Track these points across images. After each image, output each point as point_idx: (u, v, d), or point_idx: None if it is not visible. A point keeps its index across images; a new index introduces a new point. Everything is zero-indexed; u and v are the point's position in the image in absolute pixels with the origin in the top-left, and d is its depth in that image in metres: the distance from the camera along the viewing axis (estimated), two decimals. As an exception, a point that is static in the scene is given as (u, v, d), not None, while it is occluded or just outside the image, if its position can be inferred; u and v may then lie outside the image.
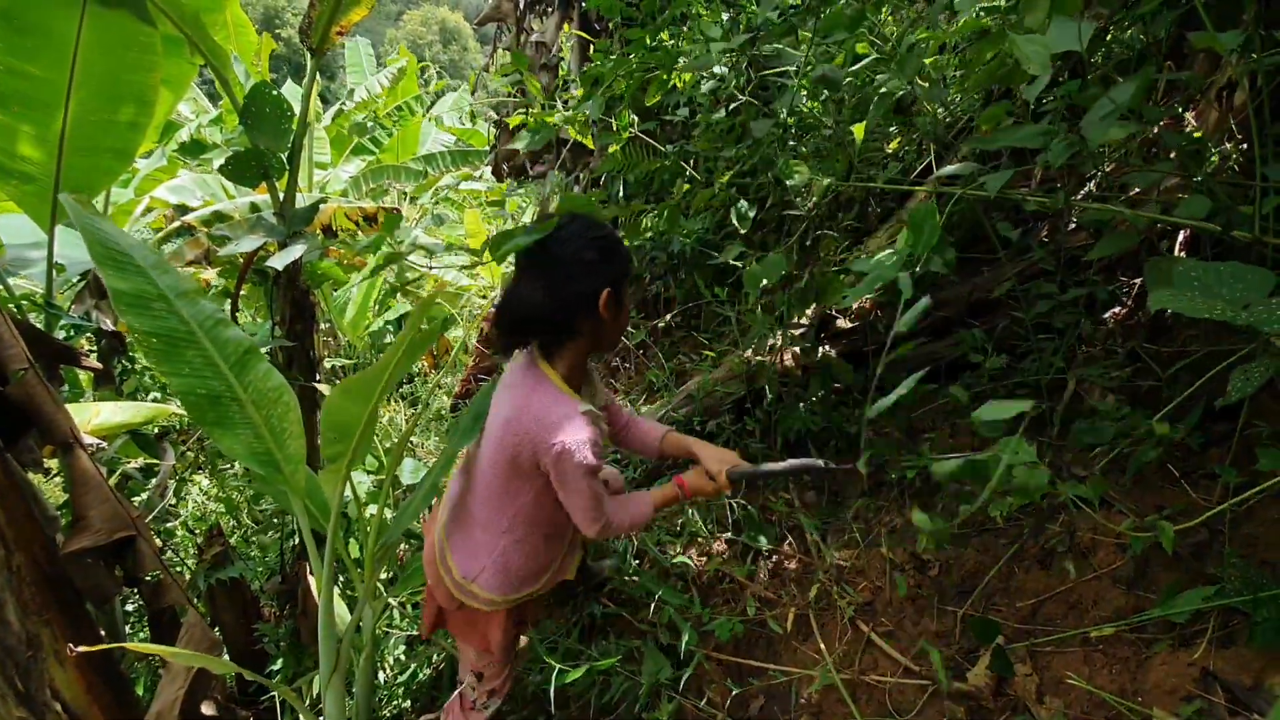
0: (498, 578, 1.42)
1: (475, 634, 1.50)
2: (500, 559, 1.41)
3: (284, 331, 2.16)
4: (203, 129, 5.85)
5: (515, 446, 1.28)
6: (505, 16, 3.88)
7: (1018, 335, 1.86)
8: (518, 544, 1.40)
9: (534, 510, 1.37)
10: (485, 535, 1.41)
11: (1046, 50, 1.07)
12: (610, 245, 1.32)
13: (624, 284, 1.35)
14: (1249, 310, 0.98)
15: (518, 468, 1.30)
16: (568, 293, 1.28)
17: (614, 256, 1.32)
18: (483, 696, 1.57)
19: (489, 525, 1.40)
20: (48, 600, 1.64)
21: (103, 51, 2.24)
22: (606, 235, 1.32)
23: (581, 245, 1.29)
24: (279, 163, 2.01)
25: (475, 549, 1.43)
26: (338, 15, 2.03)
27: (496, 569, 1.41)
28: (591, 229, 1.32)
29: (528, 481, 1.33)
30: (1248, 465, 1.35)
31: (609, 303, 1.30)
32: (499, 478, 1.35)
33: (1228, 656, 1.20)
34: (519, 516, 1.38)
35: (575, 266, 1.28)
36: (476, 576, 1.42)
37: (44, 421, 1.61)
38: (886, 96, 1.88)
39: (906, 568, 1.72)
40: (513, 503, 1.37)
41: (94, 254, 1.16)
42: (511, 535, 1.40)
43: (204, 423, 1.25)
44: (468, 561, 1.43)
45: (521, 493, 1.35)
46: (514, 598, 1.44)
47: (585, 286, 1.28)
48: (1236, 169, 1.62)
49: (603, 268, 1.30)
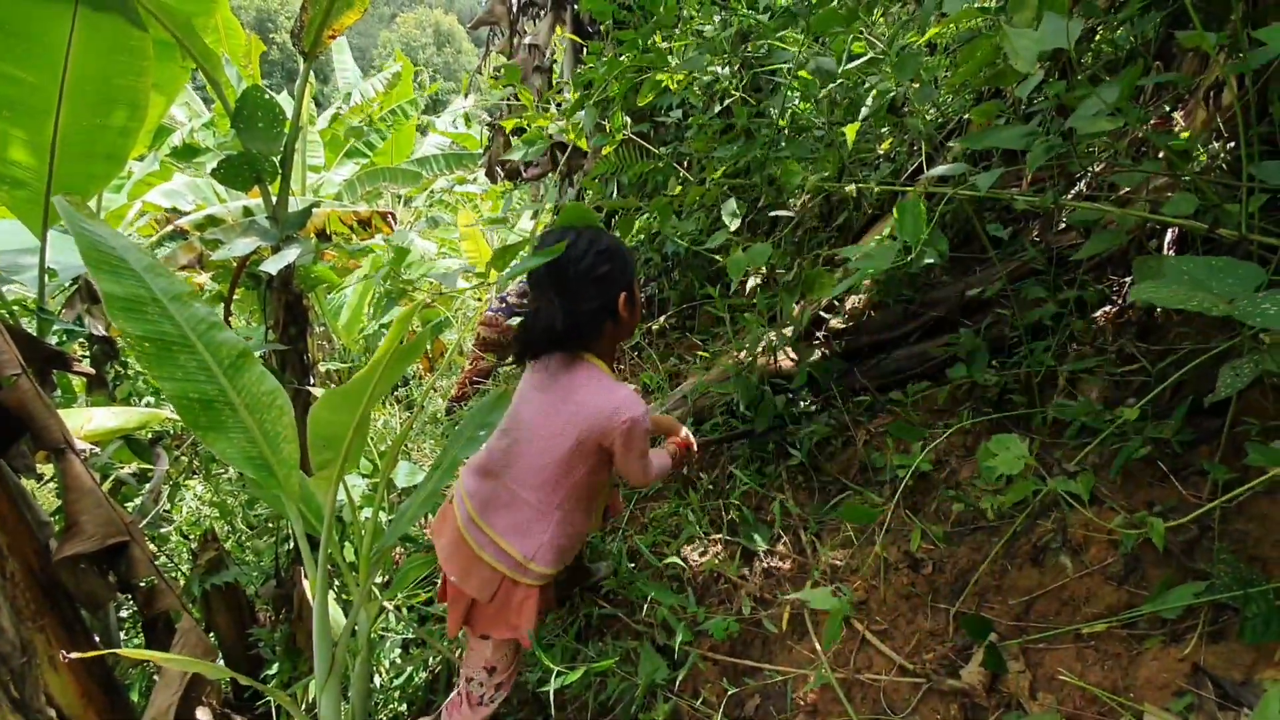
0: (552, 553, 1.52)
1: (504, 623, 1.54)
2: (553, 535, 1.51)
3: (277, 336, 2.16)
4: (195, 133, 5.84)
5: (585, 434, 1.41)
6: (499, 20, 3.88)
7: (1008, 334, 1.87)
8: (566, 518, 1.52)
9: (584, 486, 1.50)
10: (539, 515, 1.51)
11: (1036, 46, 1.07)
12: (617, 253, 1.44)
13: (635, 282, 1.49)
14: (1235, 304, 0.99)
15: (582, 452, 1.43)
16: (590, 307, 1.41)
17: (623, 263, 1.45)
18: (490, 690, 1.61)
19: (542, 505, 1.50)
20: (41, 606, 1.63)
21: (94, 56, 2.23)
22: (610, 245, 1.43)
23: (593, 262, 1.40)
24: (271, 166, 2.01)
25: (530, 530, 1.52)
26: (330, 18, 2.03)
27: (552, 544, 1.51)
28: (596, 242, 1.42)
29: (584, 461, 1.46)
30: (1237, 462, 1.36)
31: (626, 304, 1.45)
32: (559, 464, 1.46)
33: (1218, 652, 1.21)
34: (571, 493, 1.50)
35: (592, 285, 1.41)
36: (534, 554, 1.51)
37: (37, 427, 1.61)
38: (880, 97, 1.90)
39: (900, 566, 1.72)
40: (568, 481, 1.48)
41: (86, 257, 1.15)
42: (561, 511, 1.51)
43: (197, 427, 1.25)
44: (525, 543, 1.51)
45: (576, 471, 1.47)
46: (555, 571, 1.55)
47: (604, 299, 1.42)
48: (1224, 168, 1.64)
49: (616, 276, 1.43)
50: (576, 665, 1.71)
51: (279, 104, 2.01)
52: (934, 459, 1.86)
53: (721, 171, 2.12)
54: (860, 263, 1.49)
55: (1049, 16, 1.15)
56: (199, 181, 5.13)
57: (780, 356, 2.23)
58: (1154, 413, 1.55)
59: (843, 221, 2.43)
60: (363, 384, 1.03)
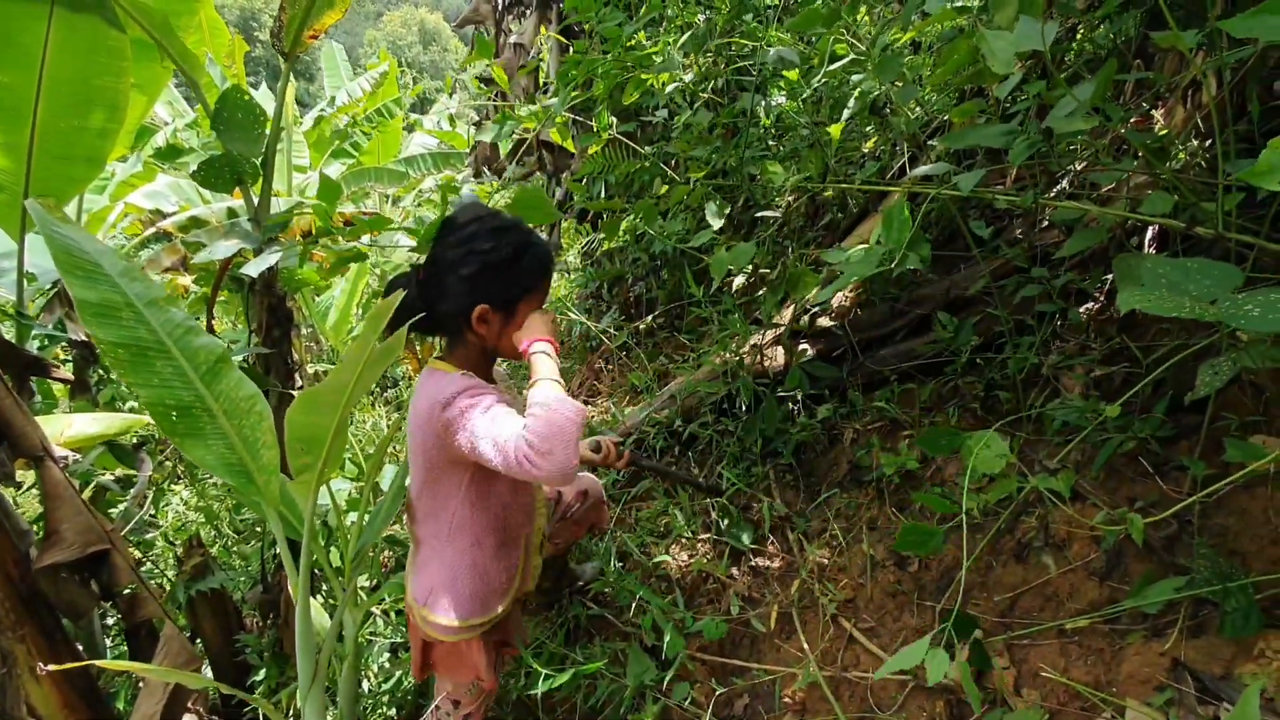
0: (448, 598, 1.34)
1: (464, 668, 1.42)
2: (448, 575, 1.34)
3: (261, 339, 2.14)
4: (179, 133, 5.78)
5: (424, 438, 1.23)
6: (484, 19, 3.86)
7: (992, 331, 1.88)
8: (463, 555, 1.34)
9: (469, 508, 1.31)
10: (431, 551, 1.36)
11: (1012, 48, 1.08)
12: (498, 260, 1.21)
13: (518, 302, 1.25)
14: (1216, 305, 0.99)
15: (436, 461, 1.25)
16: (445, 308, 1.24)
17: (499, 273, 1.22)
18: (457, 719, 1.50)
19: (432, 538, 1.35)
20: (21, 616, 1.61)
21: (71, 57, 2.20)
22: (492, 247, 1.22)
23: (460, 256, 1.22)
24: (252, 168, 1.99)
25: (425, 568, 1.38)
26: (310, 18, 2.01)
27: (445, 588, 1.34)
28: (479, 236, 1.22)
29: (452, 475, 1.28)
30: (1216, 457, 1.37)
31: (483, 320, 1.24)
32: (428, 482, 1.31)
33: (1198, 646, 1.22)
34: (457, 518, 1.31)
35: (454, 281, 1.22)
36: (427, 599, 1.35)
37: (14, 434, 1.59)
38: (863, 96, 1.90)
39: (887, 564, 1.73)
40: (446, 506, 1.31)
41: (59, 262, 1.13)
42: (454, 545, 1.33)
43: (174, 434, 1.23)
44: (419, 585, 1.38)
45: (451, 491, 1.30)
46: (475, 622, 1.36)
47: (459, 303, 1.23)
48: (1203, 165, 1.65)
49: (482, 284, 1.22)
50: (565, 668, 1.71)
51: (259, 105, 1.99)
52: (920, 457, 1.87)
53: (705, 172, 2.12)
54: (844, 267, 1.49)
55: (1025, 19, 1.15)
56: (182, 182, 5.08)
57: (766, 356, 2.23)
58: (1136, 409, 1.56)
59: (828, 221, 2.44)
60: (341, 384, 1.01)
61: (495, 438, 1.10)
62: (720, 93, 2.36)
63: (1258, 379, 1.40)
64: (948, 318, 1.91)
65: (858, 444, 2.05)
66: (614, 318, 3.12)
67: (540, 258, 1.27)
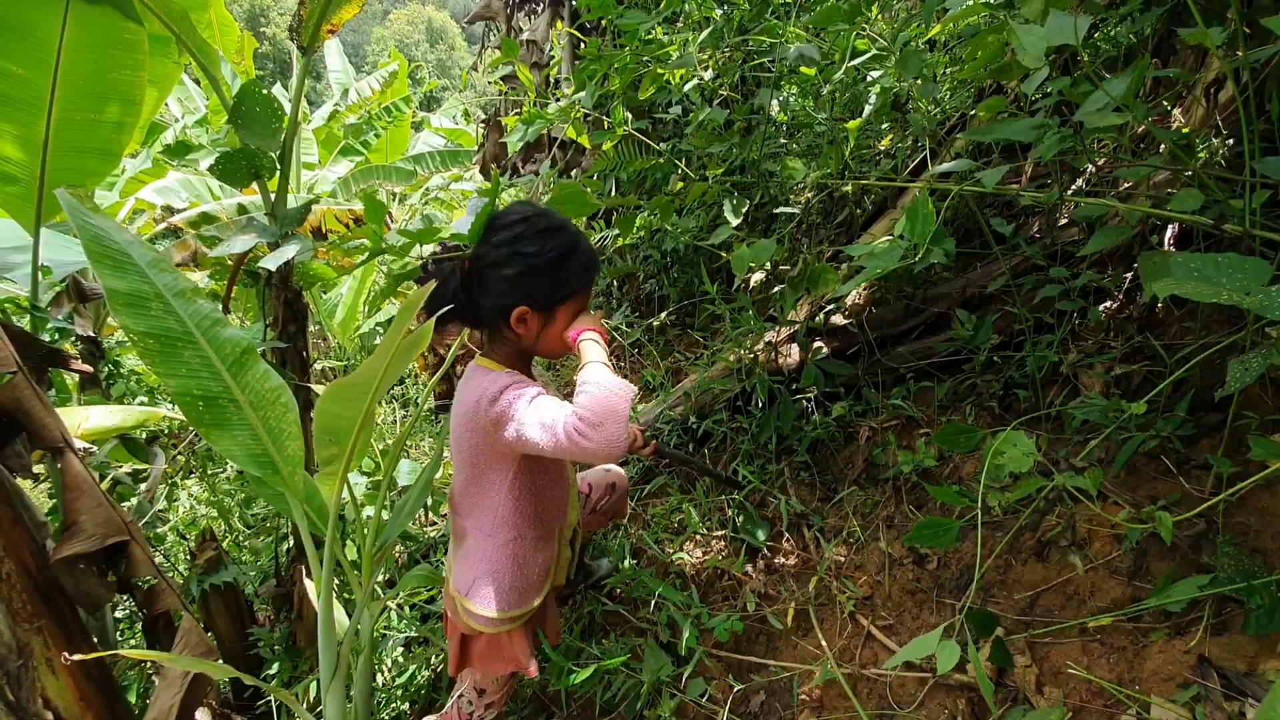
0: (490, 589, 1.35)
1: (504, 660, 1.41)
2: (490, 567, 1.35)
3: (277, 333, 2.14)
4: (188, 130, 5.79)
5: (472, 434, 1.24)
6: (495, 15, 3.86)
7: (1011, 329, 1.88)
8: (505, 548, 1.35)
9: (513, 503, 1.31)
10: (474, 543, 1.37)
11: (1043, 42, 1.08)
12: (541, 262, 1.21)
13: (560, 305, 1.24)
14: (1251, 298, 0.99)
15: (482, 456, 1.27)
16: (486, 303, 1.24)
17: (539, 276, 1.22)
18: (480, 709, 1.51)
19: (476, 531, 1.36)
20: (38, 608, 1.61)
21: (87, 50, 2.21)
22: (537, 250, 1.21)
23: (505, 255, 1.21)
24: (270, 162, 1.99)
25: (467, 560, 1.38)
26: (328, 13, 2.01)
27: (487, 580, 1.35)
28: (525, 237, 1.21)
29: (497, 470, 1.29)
30: (1239, 456, 1.37)
31: (522, 321, 1.24)
32: (472, 478, 1.31)
33: (1223, 644, 1.22)
34: (500, 513, 1.33)
35: (495, 280, 1.22)
36: (469, 590, 1.36)
37: (34, 425, 1.59)
38: (884, 93, 1.90)
39: (905, 562, 1.73)
40: (491, 498, 1.32)
41: (89, 251, 1.14)
42: (496, 538, 1.34)
43: (200, 424, 1.23)
44: (462, 576, 1.38)
45: (496, 486, 1.30)
46: (514, 614, 1.37)
47: (501, 302, 1.23)
48: (1224, 164, 1.65)
49: (524, 285, 1.22)
50: (581, 663, 1.71)
51: (277, 99, 1.99)
52: (937, 454, 1.87)
53: (723, 170, 2.12)
54: (865, 261, 1.49)
55: (1055, 13, 1.15)
56: (192, 179, 5.08)
57: (780, 353, 2.23)
58: (1157, 408, 1.56)
59: (844, 217, 2.43)
60: (370, 374, 1.01)
61: (542, 420, 1.11)
62: (737, 89, 2.36)
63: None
64: (966, 315, 1.91)
65: (874, 442, 2.05)
66: (626, 314, 3.12)
67: (585, 263, 1.26)
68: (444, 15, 48.39)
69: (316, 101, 7.66)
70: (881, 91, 1.79)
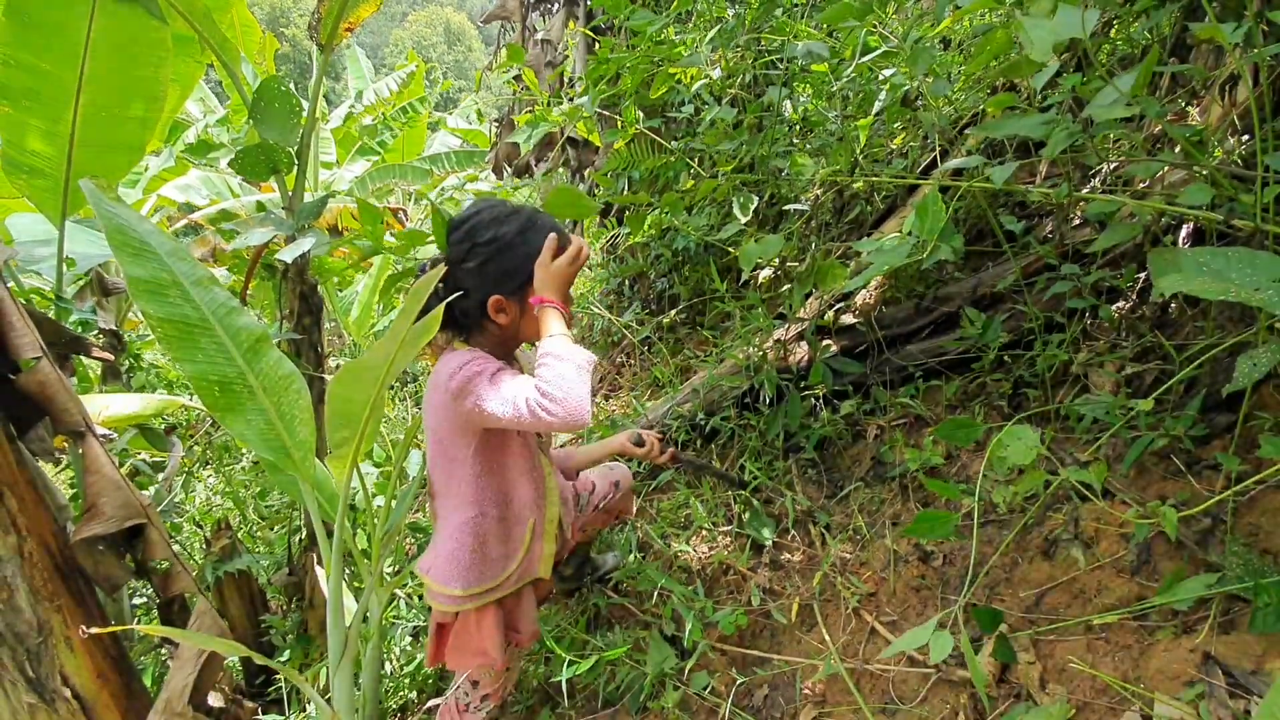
0: (451, 566, 1.35)
1: (472, 650, 1.41)
2: (452, 545, 1.36)
3: (292, 324, 2.18)
4: (209, 129, 5.89)
5: (437, 409, 1.26)
6: (510, 15, 3.90)
7: (1021, 328, 1.87)
8: (467, 525, 1.35)
9: (474, 479, 1.32)
10: (442, 522, 1.39)
11: (1051, 36, 1.08)
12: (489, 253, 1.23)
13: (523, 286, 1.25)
14: (1261, 294, 0.98)
15: (445, 430, 1.28)
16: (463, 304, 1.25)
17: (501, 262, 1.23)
18: (475, 700, 1.52)
19: (444, 509, 1.37)
20: (59, 587, 1.65)
21: (113, 46, 2.26)
22: (491, 237, 1.24)
23: (464, 253, 1.24)
24: (287, 157, 2.03)
25: (434, 540, 1.41)
26: (347, 11, 2.05)
27: (447, 555, 1.36)
28: (479, 230, 1.24)
29: (459, 446, 1.30)
30: (1250, 456, 1.36)
31: (500, 309, 1.26)
32: (439, 454, 1.33)
33: (1229, 642, 1.21)
34: (463, 489, 1.33)
35: (465, 276, 1.25)
36: (430, 568, 1.38)
37: (57, 410, 1.63)
38: (894, 90, 1.90)
39: (910, 559, 1.72)
40: (456, 475, 1.33)
41: (111, 240, 1.17)
42: (459, 515, 1.35)
43: (215, 408, 1.27)
44: (427, 556, 1.40)
45: (459, 461, 1.31)
46: (475, 590, 1.36)
47: (476, 296, 1.25)
48: (1240, 162, 1.63)
49: (487, 274, 1.24)
50: (586, 654, 1.72)
51: (296, 95, 2.03)
52: (945, 453, 1.86)
53: (733, 167, 2.13)
54: (874, 257, 1.49)
55: (1064, 8, 1.15)
56: (213, 177, 5.18)
57: (789, 351, 2.24)
58: (1168, 406, 1.54)
59: (855, 215, 2.43)
60: (380, 358, 1.03)
61: (502, 394, 1.14)
62: (748, 88, 2.37)
63: (1294, 376, 1.38)
64: (976, 314, 1.90)
65: (881, 440, 2.05)
66: (636, 313, 3.13)
67: (542, 233, 1.25)
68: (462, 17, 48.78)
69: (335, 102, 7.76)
70: (892, 88, 1.79)
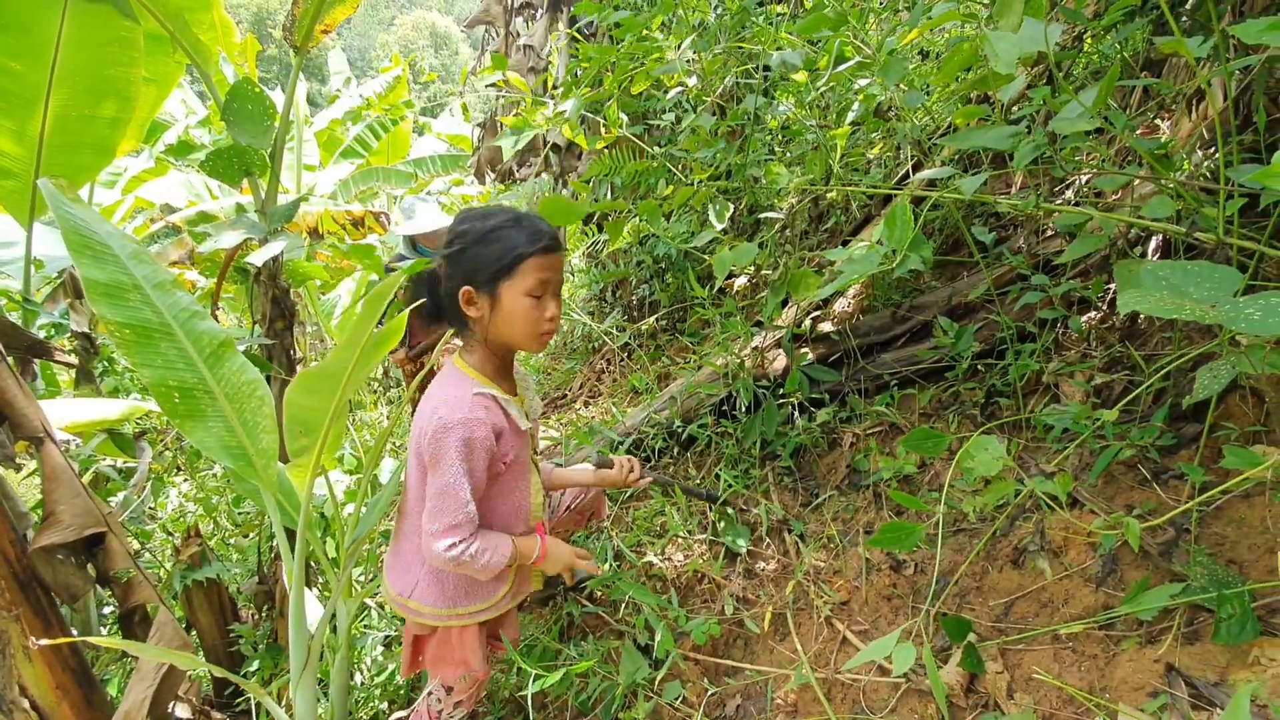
0: (433, 589, 1.35)
1: (453, 661, 1.42)
2: (430, 568, 1.36)
3: (264, 329, 2.15)
4: (190, 130, 5.83)
5: (417, 438, 1.25)
6: (494, 20, 3.89)
7: (994, 338, 1.88)
8: None
9: None
10: (411, 545, 1.36)
11: (1015, 49, 1.08)
12: (465, 242, 1.25)
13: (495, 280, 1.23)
14: (1217, 309, 0.99)
15: (425, 461, 1.25)
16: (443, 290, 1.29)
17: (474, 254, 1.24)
18: (448, 707, 1.51)
19: (414, 533, 1.33)
20: (17, 596, 1.61)
21: (84, 47, 2.23)
22: (464, 231, 1.26)
23: (450, 239, 1.28)
24: (260, 159, 2.00)
25: (407, 563, 1.39)
26: (322, 12, 2.03)
27: (430, 579, 1.36)
28: (463, 220, 1.28)
29: None
30: (1216, 466, 1.37)
31: (470, 301, 1.26)
32: (417, 481, 1.31)
33: (1192, 653, 1.21)
34: None
35: (447, 262, 1.28)
36: (411, 591, 1.37)
37: (15, 415, 1.60)
38: (869, 100, 1.91)
39: (882, 568, 1.72)
40: None
41: (68, 241, 1.15)
42: None
43: (175, 415, 1.24)
44: (401, 578, 1.39)
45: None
46: (462, 610, 1.37)
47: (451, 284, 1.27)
48: (1208, 175, 1.65)
49: (462, 264, 1.25)
50: (557, 665, 1.70)
51: (269, 97, 2.00)
52: (918, 461, 1.87)
53: (709, 174, 2.13)
54: (845, 266, 1.49)
55: (1029, 21, 1.16)
56: (193, 179, 5.12)
57: (766, 359, 2.24)
58: (1136, 417, 1.56)
59: (832, 225, 2.44)
60: (340, 365, 1.02)
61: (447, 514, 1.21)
62: (727, 96, 2.38)
63: (1258, 386, 1.39)
64: (949, 323, 1.91)
65: (856, 448, 2.05)
66: (617, 319, 3.12)
67: (529, 233, 1.22)
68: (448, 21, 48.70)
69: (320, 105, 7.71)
70: (865, 98, 1.80)
